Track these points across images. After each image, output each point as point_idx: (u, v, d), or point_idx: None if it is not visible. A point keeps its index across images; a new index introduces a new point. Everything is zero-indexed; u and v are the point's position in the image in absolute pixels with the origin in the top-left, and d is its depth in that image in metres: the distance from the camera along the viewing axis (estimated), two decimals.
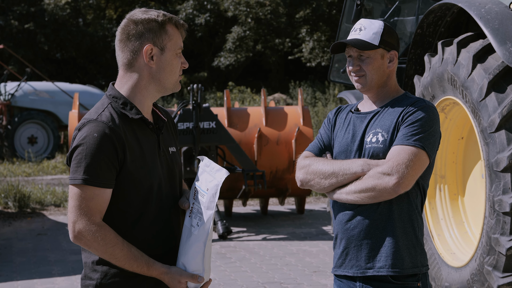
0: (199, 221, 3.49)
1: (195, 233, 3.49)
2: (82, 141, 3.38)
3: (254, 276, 8.71)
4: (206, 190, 3.51)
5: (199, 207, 3.51)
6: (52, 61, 32.01)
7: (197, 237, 3.49)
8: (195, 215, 3.51)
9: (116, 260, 3.39)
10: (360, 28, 3.92)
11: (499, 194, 6.24)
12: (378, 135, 3.84)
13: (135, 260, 3.40)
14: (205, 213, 3.49)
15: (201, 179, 3.56)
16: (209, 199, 3.49)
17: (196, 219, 3.50)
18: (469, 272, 6.67)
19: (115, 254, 3.38)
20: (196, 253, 3.48)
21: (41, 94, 20.38)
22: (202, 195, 3.51)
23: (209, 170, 3.56)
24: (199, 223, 3.49)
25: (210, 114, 10.81)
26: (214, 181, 3.52)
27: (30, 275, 8.90)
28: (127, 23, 3.48)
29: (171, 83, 3.52)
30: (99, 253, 3.40)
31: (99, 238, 3.36)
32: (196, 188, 3.56)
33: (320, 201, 13.85)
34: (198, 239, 3.48)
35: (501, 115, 6.24)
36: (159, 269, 3.44)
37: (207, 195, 3.50)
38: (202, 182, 3.55)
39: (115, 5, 34.06)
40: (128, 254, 3.39)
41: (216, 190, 3.49)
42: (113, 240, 3.37)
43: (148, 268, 3.42)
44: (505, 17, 6.48)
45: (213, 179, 3.52)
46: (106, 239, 3.36)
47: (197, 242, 3.48)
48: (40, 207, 13.32)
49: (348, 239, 3.88)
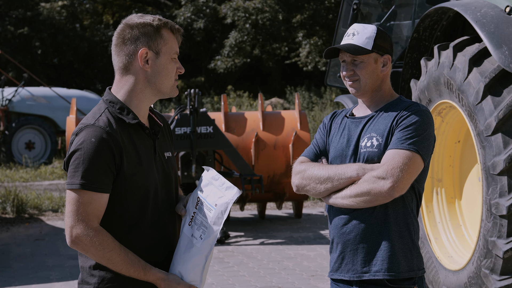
0: (203, 234, 3.47)
1: (198, 245, 3.47)
2: (79, 146, 3.38)
3: (252, 280, 8.71)
4: (214, 205, 3.49)
5: (204, 220, 3.49)
6: (49, 66, 31.98)
7: (199, 250, 3.47)
8: (198, 226, 3.49)
9: (113, 265, 3.39)
10: (353, 33, 3.93)
11: (496, 197, 6.25)
12: (372, 140, 3.85)
13: (132, 265, 3.40)
14: (211, 228, 3.47)
15: (206, 191, 3.54)
16: (217, 215, 3.47)
17: (199, 231, 3.48)
18: (466, 275, 6.67)
19: (112, 259, 3.38)
20: (196, 265, 3.48)
21: (38, 99, 20.36)
22: (209, 209, 3.49)
23: (218, 184, 3.53)
24: (202, 236, 3.47)
25: (207, 119, 10.81)
26: (224, 198, 3.49)
27: (28, 280, 8.90)
28: (123, 27, 3.49)
29: (167, 87, 3.52)
30: (96, 257, 3.40)
31: (96, 243, 3.36)
32: (200, 199, 3.53)
33: (318, 205, 13.85)
34: (200, 252, 3.47)
35: (498, 119, 6.25)
36: (156, 274, 3.44)
37: (214, 211, 3.48)
38: (208, 195, 3.52)
39: (112, 10, 34.08)
40: (125, 259, 3.39)
41: (226, 208, 3.47)
42: (110, 245, 3.37)
43: (145, 273, 3.42)
44: (501, 21, 6.49)
45: (222, 195, 3.50)
46: (103, 244, 3.36)
47: (198, 255, 3.47)
48: (37, 213, 13.31)
49: (344, 243, 3.89)
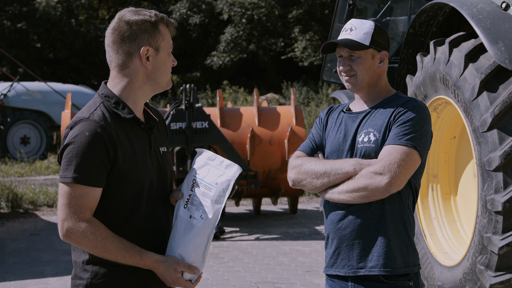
0: (203, 214, 3.48)
1: (199, 225, 3.47)
2: (73, 140, 3.37)
3: (247, 276, 8.71)
4: (214, 184, 3.50)
5: (204, 200, 3.49)
6: (44, 61, 31.93)
7: (201, 230, 3.47)
8: (197, 207, 3.49)
9: (108, 253, 3.38)
10: (351, 28, 3.92)
11: (491, 193, 6.25)
12: (370, 135, 3.84)
13: (127, 251, 3.38)
14: (212, 206, 3.48)
15: (202, 172, 3.54)
16: (218, 193, 3.49)
17: (199, 212, 3.48)
18: (461, 271, 6.67)
19: (106, 247, 3.36)
20: (198, 245, 3.48)
21: (33, 94, 20.32)
22: (209, 189, 3.50)
23: (216, 164, 3.55)
24: (203, 216, 3.47)
25: (202, 114, 10.79)
26: (225, 176, 3.52)
27: (23, 276, 8.88)
28: (119, 24, 3.45)
29: (165, 82, 3.54)
30: (89, 248, 3.38)
31: (88, 234, 3.34)
32: (197, 181, 3.54)
33: (313, 201, 13.85)
34: (202, 232, 3.48)
35: (493, 115, 6.25)
36: (152, 257, 3.43)
37: (215, 189, 3.50)
38: (206, 175, 3.53)
39: (108, 5, 34.02)
40: (119, 245, 3.37)
41: (228, 185, 3.50)
42: (103, 234, 3.36)
43: (141, 257, 3.40)
44: (497, 17, 6.49)
45: (223, 173, 3.52)
46: (95, 234, 3.35)
47: (200, 235, 3.47)
48: (33, 208, 13.29)
49: (340, 239, 3.88)
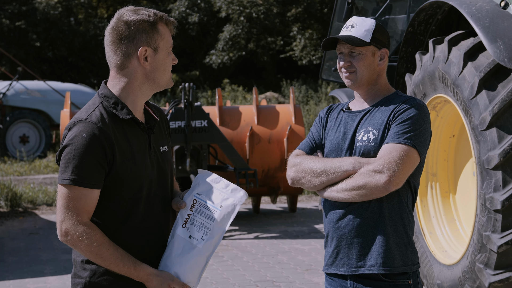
0: (205, 235, 3.46)
1: (199, 246, 3.46)
2: (71, 141, 3.37)
3: (246, 274, 8.71)
4: (219, 206, 3.50)
5: (206, 221, 3.48)
6: (44, 60, 31.91)
7: (201, 251, 3.46)
8: (198, 228, 3.48)
9: (102, 259, 3.38)
10: (352, 25, 3.93)
11: (490, 191, 6.25)
12: (369, 133, 3.84)
13: (121, 260, 3.38)
14: (215, 229, 3.47)
15: (206, 193, 3.53)
16: (222, 216, 3.48)
17: (200, 233, 3.47)
18: (460, 270, 6.68)
19: (101, 254, 3.37)
20: (196, 266, 3.46)
21: (33, 93, 20.31)
22: (212, 211, 3.49)
23: (221, 187, 3.54)
24: (204, 237, 3.46)
25: (202, 113, 10.79)
26: (230, 200, 3.52)
27: (22, 274, 8.88)
28: (118, 24, 3.44)
29: (164, 81, 3.52)
30: (85, 252, 3.39)
31: (84, 238, 3.35)
32: (199, 201, 3.52)
33: (312, 199, 13.85)
34: (202, 253, 3.46)
35: (492, 113, 6.25)
36: (146, 269, 3.42)
37: (219, 212, 3.49)
38: (210, 197, 3.52)
39: (107, 3, 34.01)
40: (114, 254, 3.37)
41: (233, 210, 3.50)
42: (99, 240, 3.36)
43: (135, 268, 3.40)
44: (496, 15, 6.49)
45: (228, 197, 3.52)
46: (92, 239, 3.35)
47: (199, 255, 3.46)
48: (32, 206, 13.29)
49: (339, 238, 3.89)
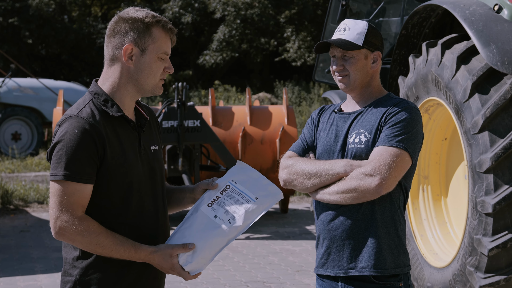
0: (232, 220, 3.50)
1: (224, 228, 3.49)
2: (62, 137, 3.38)
3: (237, 275, 8.71)
4: (254, 198, 3.55)
5: (236, 207, 3.52)
6: (36, 58, 31.85)
7: (225, 232, 3.49)
8: (226, 211, 3.52)
9: (103, 248, 3.38)
10: (345, 28, 3.93)
11: (482, 195, 6.26)
12: (361, 136, 3.85)
13: (121, 245, 3.39)
14: (244, 217, 3.51)
15: (242, 183, 3.59)
16: (255, 208, 3.53)
17: (227, 216, 3.51)
18: (451, 273, 6.69)
19: (101, 243, 3.37)
20: (216, 245, 3.50)
21: (25, 90, 20.28)
22: (246, 200, 3.54)
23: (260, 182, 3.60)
24: (231, 221, 3.50)
25: (194, 113, 10.79)
26: (267, 195, 3.57)
27: (12, 272, 8.87)
28: (117, 19, 3.49)
29: (149, 86, 3.49)
30: (83, 245, 3.39)
31: (82, 230, 3.35)
32: (232, 187, 3.58)
33: (304, 200, 13.86)
34: (225, 234, 3.49)
35: (485, 117, 6.26)
36: (146, 249, 3.43)
37: (253, 203, 3.53)
38: (247, 187, 3.57)
39: (101, 2, 33.96)
40: (113, 240, 3.38)
41: (266, 205, 3.55)
42: (97, 230, 3.37)
43: (136, 251, 3.41)
44: (489, 19, 6.50)
45: (265, 192, 3.57)
46: (89, 230, 3.36)
47: (222, 236, 3.49)
48: (23, 204, 13.27)
49: (331, 239, 3.89)
